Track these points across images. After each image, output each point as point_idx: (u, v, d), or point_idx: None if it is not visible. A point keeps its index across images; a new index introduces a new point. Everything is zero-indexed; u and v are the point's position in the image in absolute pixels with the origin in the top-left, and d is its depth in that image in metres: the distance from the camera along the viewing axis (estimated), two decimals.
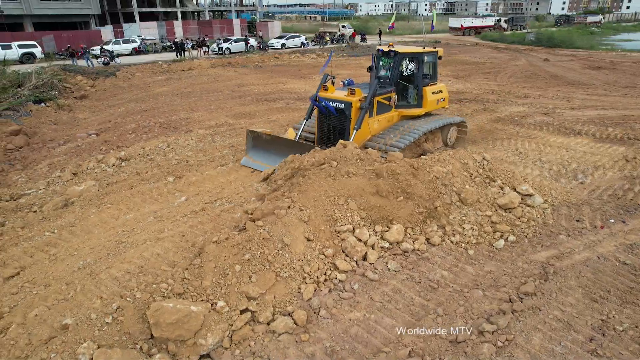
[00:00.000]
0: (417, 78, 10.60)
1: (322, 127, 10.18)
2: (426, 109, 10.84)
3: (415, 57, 10.55)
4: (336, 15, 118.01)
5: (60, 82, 22.01)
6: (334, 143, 8.98)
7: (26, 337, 5.06)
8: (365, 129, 9.70)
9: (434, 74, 11.27)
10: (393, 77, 10.48)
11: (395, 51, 10.38)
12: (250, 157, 10.46)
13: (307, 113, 10.68)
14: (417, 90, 10.72)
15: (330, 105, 9.58)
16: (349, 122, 9.47)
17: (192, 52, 35.55)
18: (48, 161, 12.29)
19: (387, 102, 10.14)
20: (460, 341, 4.85)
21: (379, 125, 10.10)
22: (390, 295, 5.69)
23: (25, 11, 39.20)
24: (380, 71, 10.92)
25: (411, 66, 10.58)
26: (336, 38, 48.69)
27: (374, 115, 9.90)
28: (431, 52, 10.94)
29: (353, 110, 9.39)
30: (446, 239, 6.86)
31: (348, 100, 9.42)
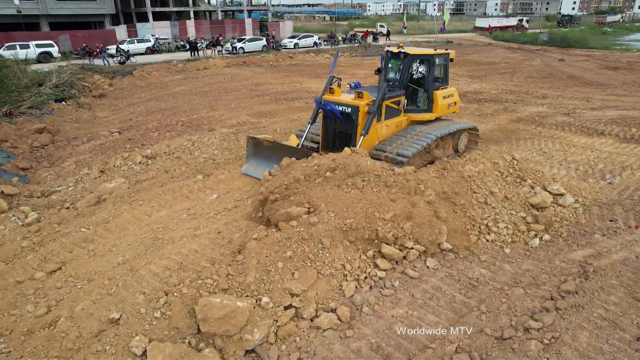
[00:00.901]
0: (428, 81, 10.12)
1: (327, 132, 9.61)
2: (437, 114, 10.32)
3: (426, 59, 10.05)
4: (344, 15, 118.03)
5: (80, 81, 22.28)
6: (340, 149, 8.63)
7: (76, 330, 5.17)
8: (372, 134, 9.20)
9: (445, 77, 10.76)
10: (402, 80, 9.92)
11: (405, 53, 9.84)
12: (251, 165, 9.90)
13: (312, 117, 10.05)
14: (427, 94, 10.24)
15: (336, 109, 9.04)
16: (356, 127, 8.94)
17: (207, 51, 35.72)
18: (74, 159, 12.44)
19: (396, 107, 9.60)
20: (507, 338, 4.88)
21: (387, 130, 9.60)
22: (431, 293, 5.73)
23: (42, 11, 39.65)
24: (389, 73, 10.42)
25: (421, 69, 10.17)
26: (348, 38, 48.71)
27: (382, 120, 9.40)
28: (442, 54, 10.39)
29: (360, 114, 8.85)
30: (481, 237, 6.89)
31: (355, 104, 8.87)
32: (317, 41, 44.00)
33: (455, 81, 22.64)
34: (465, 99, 18.14)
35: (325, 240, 6.09)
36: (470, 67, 27.57)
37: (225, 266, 5.69)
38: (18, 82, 18.08)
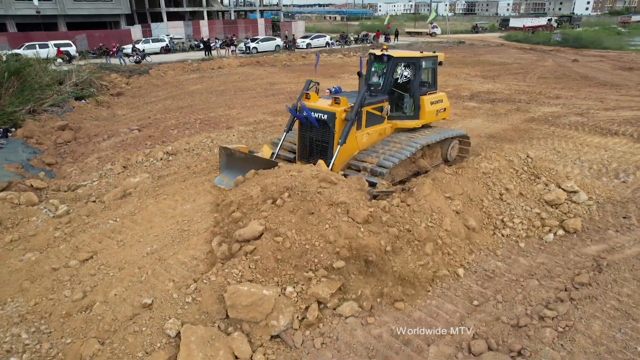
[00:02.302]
0: (414, 86, 9.47)
1: (303, 141, 8.95)
2: (424, 120, 9.69)
3: (411, 62, 9.41)
4: (355, 15, 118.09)
5: (98, 80, 22.75)
6: (317, 159, 8.30)
7: (111, 313, 5.47)
8: (352, 143, 8.56)
9: (434, 81, 10.12)
10: (386, 84, 9.30)
11: (389, 55, 9.22)
12: (224, 177, 9.37)
13: (287, 125, 9.46)
14: (413, 99, 9.60)
15: (311, 115, 8.31)
16: (333, 135, 8.27)
17: (220, 51, 36.15)
18: (96, 155, 12.83)
19: (379, 113, 8.98)
20: (522, 325, 5.10)
21: (368, 138, 8.95)
22: (449, 283, 5.96)
23: (60, 11, 40.40)
24: (372, 78, 9.83)
25: (407, 73, 9.52)
26: (360, 38, 48.89)
27: (363, 127, 8.74)
28: (430, 57, 9.71)
29: (337, 121, 8.16)
30: (497, 232, 7.09)
31: (331, 111, 8.19)
32: (329, 41, 44.26)
33: (468, 81, 22.78)
34: (478, 98, 18.29)
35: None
36: (483, 68, 27.66)
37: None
38: (40, 80, 18.55)
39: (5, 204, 8.54)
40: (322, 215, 6.12)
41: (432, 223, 6.61)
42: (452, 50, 40.11)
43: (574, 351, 4.72)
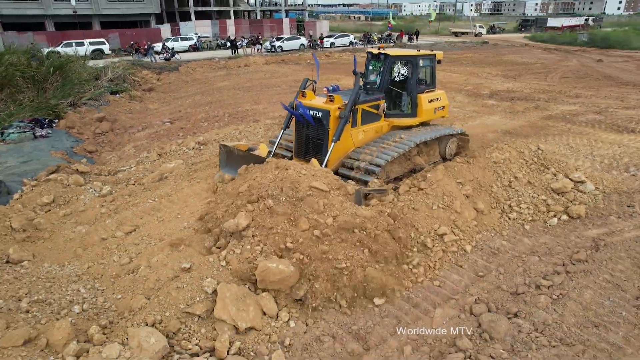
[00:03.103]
0: (411, 84, 9.62)
1: (300, 138, 9.12)
2: (421, 118, 9.84)
3: (408, 61, 9.56)
4: (380, 15, 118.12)
5: (131, 76, 23.91)
6: (313, 156, 8.58)
7: (155, 275, 6.24)
8: (347, 140, 8.75)
9: (432, 80, 10.24)
10: (383, 82, 9.44)
11: (386, 54, 9.43)
12: (227, 176, 9.44)
13: (285, 122, 9.63)
14: (411, 97, 9.74)
15: (307, 113, 8.48)
16: (327, 132, 8.45)
17: (247, 49, 37.16)
18: (132, 144, 13.78)
19: (375, 111, 9.12)
20: (520, 293, 5.69)
21: (364, 136, 9.11)
22: (456, 258, 6.56)
23: (95, 11, 42.23)
24: (370, 76, 9.97)
25: (403, 71, 9.64)
26: (383, 38, 49.34)
27: (358, 125, 8.92)
28: (427, 55, 9.89)
29: (331, 119, 8.33)
30: (504, 215, 7.65)
31: (326, 109, 8.39)
32: (352, 40, 44.88)
33: (489, 80, 23.11)
34: (497, 97, 18.67)
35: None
36: (505, 67, 27.87)
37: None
38: (79, 76, 19.72)
39: (57, 184, 9.47)
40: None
41: (443, 205, 7.23)
42: (475, 51, 40.26)
43: (564, 314, 5.29)
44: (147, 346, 4.88)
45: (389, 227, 6.51)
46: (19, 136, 12.92)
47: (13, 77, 15.53)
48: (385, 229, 6.46)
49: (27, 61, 16.95)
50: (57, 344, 5.02)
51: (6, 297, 5.67)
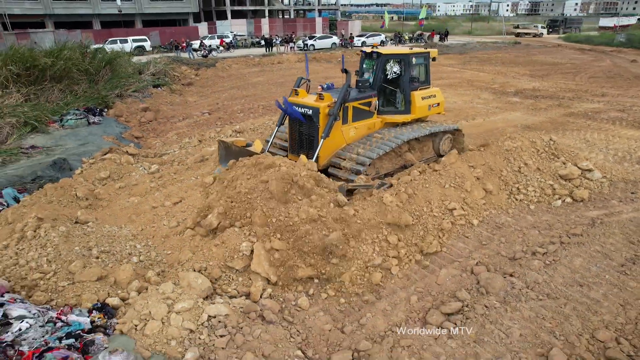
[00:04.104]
0: (403, 82, 9.73)
1: (293, 135, 9.40)
2: (415, 115, 9.91)
3: (401, 59, 9.67)
4: (413, 15, 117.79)
5: (171, 71, 25.37)
6: (307, 151, 8.89)
7: (199, 237, 7.29)
8: (338, 137, 8.96)
9: (427, 77, 10.30)
10: (376, 80, 9.59)
11: (378, 52, 9.60)
12: (223, 168, 9.68)
13: (279, 120, 9.85)
14: (404, 95, 9.86)
15: (297, 111, 8.75)
16: (318, 129, 8.66)
17: (280, 47, 38.39)
18: (175, 132, 15.03)
19: (367, 108, 9.30)
20: (517, 258, 6.46)
21: (356, 132, 9.28)
22: (464, 230, 7.37)
23: (138, 10, 44.48)
24: (364, 74, 10.16)
25: (396, 69, 9.71)
26: (415, 37, 49.75)
27: (350, 122, 9.11)
28: (421, 53, 10.04)
29: (321, 116, 8.53)
30: (512, 196, 8.38)
31: (316, 106, 8.58)
32: (384, 40, 45.50)
33: (516, 79, 23.47)
34: (522, 95, 19.12)
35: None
36: (533, 67, 28.05)
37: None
38: (125, 70, 21.23)
39: (111, 162, 10.71)
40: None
41: (454, 184, 8.03)
42: (506, 51, 40.28)
43: (554, 275, 6.05)
44: (195, 285, 5.91)
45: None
46: (75, 122, 14.32)
47: (70, 71, 17.05)
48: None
49: (81, 56, 18.47)
50: (122, 282, 6.13)
51: (80, 246, 6.82)
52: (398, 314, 5.67)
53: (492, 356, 4.87)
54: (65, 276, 6.10)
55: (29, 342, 4.49)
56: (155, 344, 4.91)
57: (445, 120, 14.66)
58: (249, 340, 5.14)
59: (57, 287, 5.89)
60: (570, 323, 5.26)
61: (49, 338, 4.68)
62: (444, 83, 22.37)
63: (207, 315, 5.36)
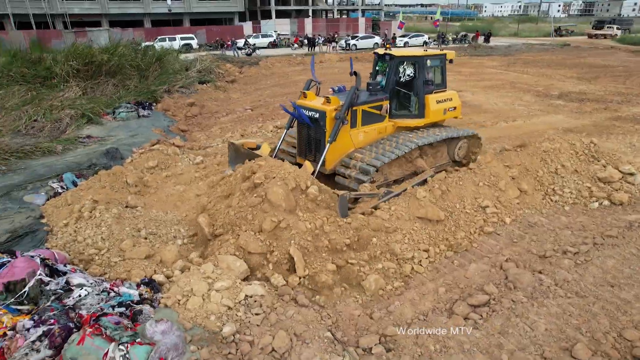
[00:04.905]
0: (417, 85, 9.45)
1: (301, 138, 9.30)
2: (429, 119, 9.64)
3: (415, 61, 9.42)
4: (458, 16, 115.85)
5: (216, 68, 26.23)
6: (315, 155, 8.82)
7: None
8: (346, 141, 8.77)
9: (443, 80, 10.03)
10: (388, 83, 9.34)
11: (391, 55, 9.33)
12: (232, 169, 9.61)
13: (288, 122, 9.73)
14: (418, 98, 9.57)
15: (304, 114, 8.62)
16: (324, 133, 8.51)
17: (322, 47, 38.85)
18: (218, 126, 15.65)
19: (377, 112, 9.07)
20: (547, 256, 6.52)
21: (365, 137, 9.05)
22: (495, 227, 7.46)
23: (186, 9, 46.21)
24: (377, 77, 9.87)
25: (409, 71, 9.47)
26: (458, 38, 49.09)
27: (358, 126, 8.88)
28: (436, 55, 9.73)
29: (328, 120, 8.37)
30: (547, 197, 8.38)
31: (322, 109, 8.44)
32: (426, 40, 45.18)
33: (562, 82, 22.89)
34: (567, 98, 18.68)
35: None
36: (581, 70, 27.20)
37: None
38: (173, 67, 22.19)
39: (159, 153, 11.35)
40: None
41: (488, 183, 8.12)
42: (554, 52, 39.15)
43: (584, 275, 6.08)
44: (234, 267, 6.31)
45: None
46: (126, 115, 15.18)
47: (123, 66, 18.05)
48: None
49: (133, 53, 19.49)
50: (167, 261, 6.61)
51: (130, 227, 7.38)
52: (425, 303, 5.88)
53: (516, 347, 5.01)
54: (117, 253, 6.65)
55: (87, 307, 4.99)
56: (196, 318, 5.32)
57: (485, 122, 14.63)
58: (282, 320, 5.47)
59: (110, 262, 6.44)
60: (598, 321, 5.31)
61: (104, 305, 5.17)
62: (485, 85, 22.13)
63: (244, 295, 5.73)
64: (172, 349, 4.59)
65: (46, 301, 4.96)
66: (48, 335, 4.39)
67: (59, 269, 5.65)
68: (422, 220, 7.25)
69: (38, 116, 13.30)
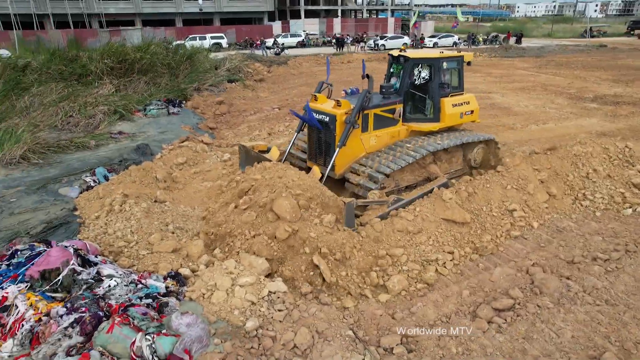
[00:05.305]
0: (432, 87, 9.18)
1: (311, 141, 9.10)
2: (444, 123, 9.34)
3: (430, 63, 9.12)
4: (489, 16, 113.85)
5: (245, 67, 26.52)
6: (325, 159, 8.65)
7: None
8: (357, 145, 8.57)
9: (460, 82, 9.66)
10: (403, 86, 9.04)
11: (406, 56, 9.03)
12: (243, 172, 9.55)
13: (298, 126, 9.57)
14: (433, 101, 9.30)
15: (314, 118, 8.40)
16: (334, 137, 8.31)
17: (350, 47, 38.85)
18: (246, 124, 15.85)
19: (390, 115, 8.81)
20: (576, 262, 6.37)
21: (377, 141, 8.83)
22: (522, 231, 7.34)
23: (217, 9, 47.00)
24: (392, 79, 9.59)
25: (424, 74, 9.17)
26: (489, 39, 48.29)
27: (370, 130, 8.68)
28: (453, 57, 9.38)
29: (338, 124, 8.17)
30: (577, 202, 8.18)
31: (332, 113, 8.24)
32: (456, 41, 44.60)
33: (596, 84, 22.25)
34: (601, 100, 18.15)
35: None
36: (618, 72, 26.32)
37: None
38: (203, 65, 22.56)
39: (188, 149, 11.58)
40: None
41: (516, 186, 7.98)
42: (589, 54, 38.06)
43: (615, 283, 5.92)
44: (255, 264, 6.39)
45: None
46: (157, 112, 15.52)
47: (154, 64, 18.47)
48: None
49: (165, 51, 19.92)
50: (193, 255, 6.75)
51: (158, 221, 7.57)
52: (449, 305, 5.83)
53: (540, 353, 4.92)
54: (145, 246, 6.82)
55: (116, 297, 5.16)
56: (220, 312, 5.43)
57: (514, 125, 14.37)
58: (305, 317, 5.52)
59: (139, 254, 6.61)
60: (628, 331, 5.16)
61: (132, 296, 5.33)
62: (516, 86, 21.72)
63: (267, 291, 5.81)
64: (197, 341, 4.70)
65: (78, 290, 5.15)
66: (79, 322, 4.56)
67: (91, 259, 5.84)
68: (448, 222, 7.20)
69: (73, 112, 13.74)
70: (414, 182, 8.77)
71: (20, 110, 13.85)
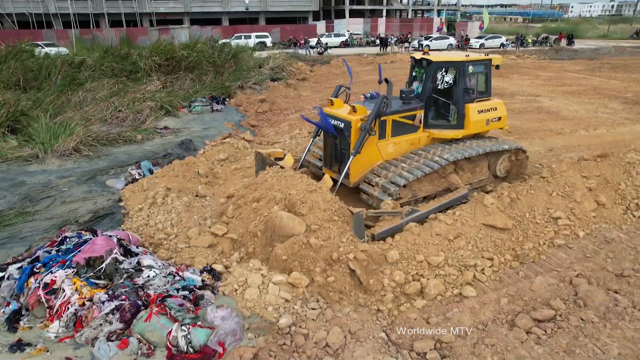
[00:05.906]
0: (457, 92, 8.64)
1: (327, 147, 8.74)
2: (468, 130, 8.80)
3: (454, 67, 8.59)
4: (540, 17, 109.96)
5: (288, 66, 26.78)
6: (340, 166, 8.31)
7: None
8: (373, 153, 8.16)
9: (487, 87, 9.10)
10: (425, 90, 8.54)
11: (428, 60, 8.52)
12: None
13: (314, 131, 9.32)
14: (457, 107, 8.78)
15: (330, 123, 8.07)
16: (349, 144, 7.92)
17: (394, 47, 38.49)
18: (287, 123, 15.97)
19: (410, 122, 8.36)
20: (625, 275, 6.06)
21: (395, 148, 8.38)
22: (567, 240, 7.05)
23: (262, 8, 47.65)
24: (414, 83, 9.14)
25: (448, 78, 8.61)
26: (539, 40, 46.64)
27: (388, 137, 8.25)
28: (479, 60, 8.83)
29: (353, 131, 7.78)
30: (628, 212, 7.78)
31: (348, 119, 7.85)
32: (504, 42, 43.31)
33: None
34: None
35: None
36: None
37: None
38: (247, 64, 22.94)
39: (229, 146, 11.81)
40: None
41: (562, 193, 7.67)
42: None
43: None
44: None
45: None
46: (201, 108, 15.92)
47: (200, 62, 18.95)
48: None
49: (211, 49, 20.40)
50: (226, 252, 6.86)
51: (197, 216, 7.75)
52: (486, 312, 5.68)
53: None
54: (183, 240, 7.01)
55: (154, 288, 5.33)
56: (255, 307, 5.50)
57: (562, 130, 13.82)
58: (338, 317, 5.52)
59: (177, 247, 6.80)
60: None
61: (169, 287, 5.48)
62: (565, 90, 20.87)
63: (301, 289, 5.85)
64: (231, 334, 4.79)
65: (119, 278, 5.35)
66: (119, 309, 4.73)
67: (132, 250, 6.06)
68: (488, 228, 7.01)
69: (122, 107, 14.31)
70: (433, 192, 8.35)
71: (74, 105, 14.54)
